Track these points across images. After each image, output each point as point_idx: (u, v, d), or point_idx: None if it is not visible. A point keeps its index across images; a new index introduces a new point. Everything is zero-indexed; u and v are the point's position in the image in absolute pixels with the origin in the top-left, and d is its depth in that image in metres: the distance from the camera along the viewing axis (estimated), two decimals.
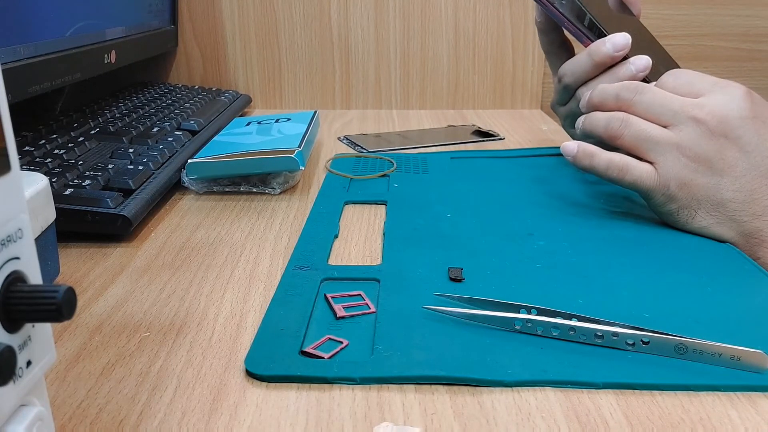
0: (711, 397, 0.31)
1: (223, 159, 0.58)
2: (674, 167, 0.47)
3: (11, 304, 0.20)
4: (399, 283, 0.41)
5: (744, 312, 0.38)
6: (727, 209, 0.47)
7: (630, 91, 0.49)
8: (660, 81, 0.50)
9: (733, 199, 0.47)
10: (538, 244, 0.47)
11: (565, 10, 0.58)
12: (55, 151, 0.56)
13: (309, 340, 0.35)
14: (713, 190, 0.47)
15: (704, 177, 0.47)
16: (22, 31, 0.56)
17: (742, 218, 0.47)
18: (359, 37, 0.96)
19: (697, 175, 0.47)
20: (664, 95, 0.48)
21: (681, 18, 0.99)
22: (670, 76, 0.50)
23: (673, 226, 0.50)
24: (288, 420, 0.29)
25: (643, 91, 0.49)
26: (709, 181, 0.47)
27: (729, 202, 0.47)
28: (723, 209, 0.47)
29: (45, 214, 0.39)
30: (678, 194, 0.47)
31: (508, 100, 0.99)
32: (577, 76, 0.57)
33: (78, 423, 0.29)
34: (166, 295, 0.41)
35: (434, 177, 0.63)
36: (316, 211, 0.54)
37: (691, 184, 0.47)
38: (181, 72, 0.98)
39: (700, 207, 0.47)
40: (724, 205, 0.47)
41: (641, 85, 0.49)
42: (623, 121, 0.48)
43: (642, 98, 0.49)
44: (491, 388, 0.31)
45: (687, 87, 0.49)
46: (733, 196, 0.47)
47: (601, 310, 0.37)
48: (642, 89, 0.49)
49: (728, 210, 0.47)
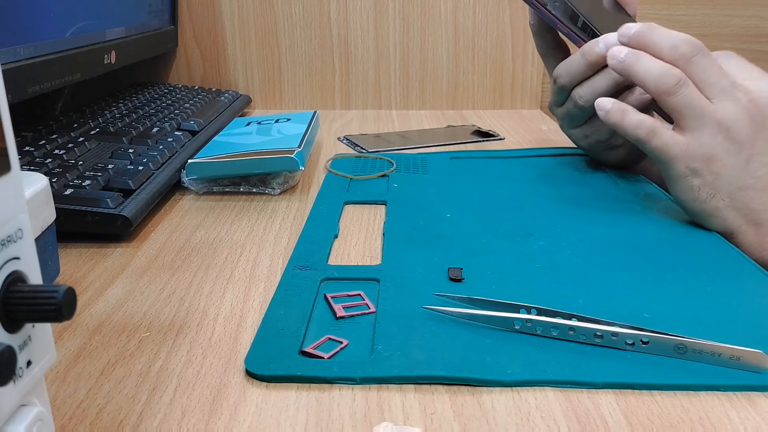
0: (710, 397, 0.31)
1: (223, 159, 0.58)
2: (707, 142, 0.47)
3: (11, 304, 0.20)
4: (399, 283, 0.41)
5: (744, 312, 0.38)
6: (745, 195, 0.47)
7: (691, 48, 0.47)
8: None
9: (753, 186, 0.47)
10: (538, 244, 0.47)
11: (558, 12, 0.58)
12: (55, 151, 0.56)
13: (309, 340, 0.35)
14: (739, 171, 0.47)
15: (733, 158, 0.47)
16: (22, 31, 0.56)
17: (757, 207, 0.47)
18: (359, 37, 0.96)
19: (727, 154, 0.47)
20: (719, 67, 0.48)
21: (681, 18, 0.99)
22: (722, 56, 0.50)
23: (685, 203, 0.49)
24: (288, 420, 0.29)
25: (704, 53, 0.47)
26: (737, 162, 0.47)
27: (749, 189, 0.47)
28: (742, 194, 0.47)
29: (45, 214, 0.39)
30: (703, 169, 0.47)
31: (507, 100, 0.99)
32: (572, 76, 0.57)
33: (78, 423, 0.29)
34: (166, 295, 0.41)
35: (434, 177, 0.63)
36: (316, 211, 0.54)
37: (719, 162, 0.47)
38: (181, 72, 0.98)
39: (722, 187, 0.47)
40: (744, 190, 0.47)
41: (703, 47, 0.48)
42: (681, 80, 0.47)
43: (702, 60, 0.47)
44: (491, 388, 0.32)
45: (735, 69, 0.48)
46: (754, 183, 0.47)
47: (601, 310, 0.37)
48: (704, 51, 0.48)
49: (746, 196, 0.47)
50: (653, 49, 0.49)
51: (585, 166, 0.66)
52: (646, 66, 0.48)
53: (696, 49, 0.47)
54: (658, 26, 0.49)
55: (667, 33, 0.49)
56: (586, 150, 0.65)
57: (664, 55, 0.48)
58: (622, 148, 0.62)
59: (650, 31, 0.49)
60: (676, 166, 0.48)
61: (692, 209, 0.49)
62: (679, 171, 0.48)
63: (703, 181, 0.48)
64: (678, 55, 0.48)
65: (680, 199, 0.50)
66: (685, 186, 0.48)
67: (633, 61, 0.49)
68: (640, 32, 0.49)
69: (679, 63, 0.48)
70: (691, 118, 0.47)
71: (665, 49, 0.48)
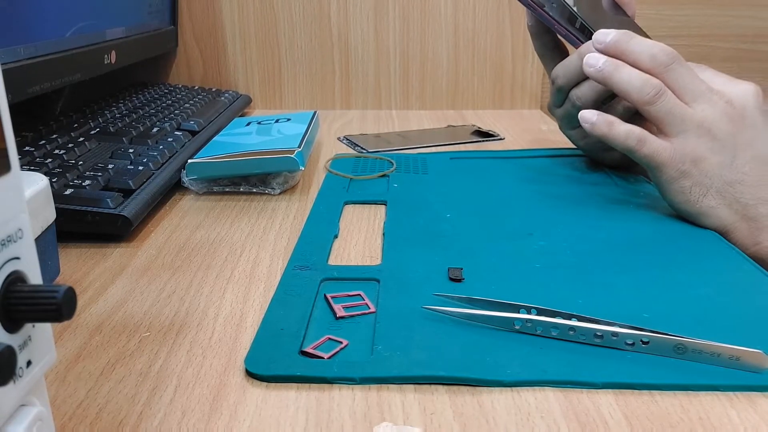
0: (710, 397, 0.31)
1: (223, 159, 0.58)
2: (692, 144, 0.48)
3: (11, 304, 0.20)
4: (399, 283, 0.41)
5: (743, 311, 0.38)
6: (735, 190, 0.48)
7: (668, 57, 0.49)
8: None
9: (741, 181, 0.48)
10: (538, 244, 0.47)
11: (555, 14, 0.58)
12: (55, 152, 0.56)
13: (309, 340, 0.35)
14: (726, 168, 0.48)
15: (718, 155, 0.48)
16: (22, 31, 0.56)
17: (749, 201, 0.48)
18: (359, 37, 0.96)
19: (712, 153, 0.48)
20: (694, 73, 0.49)
21: (681, 18, 0.99)
22: (696, 67, 0.51)
23: (679, 205, 0.50)
24: (288, 420, 0.29)
25: (680, 61, 0.49)
26: (723, 160, 0.48)
27: (738, 184, 0.48)
28: (732, 190, 0.48)
29: (45, 214, 0.39)
30: (692, 170, 0.48)
31: (507, 101, 0.99)
32: (570, 77, 0.57)
33: (78, 423, 0.29)
34: (166, 295, 0.41)
35: (434, 177, 0.63)
36: (316, 211, 0.54)
37: (705, 161, 0.48)
38: (181, 72, 0.98)
39: (712, 185, 0.48)
40: (733, 186, 0.48)
41: (678, 55, 0.49)
42: (660, 91, 0.48)
43: (678, 68, 0.49)
44: (491, 388, 0.32)
45: (710, 77, 0.50)
46: (742, 178, 0.48)
47: (601, 310, 0.37)
48: (679, 59, 0.49)
49: (737, 192, 0.48)
50: (631, 58, 0.50)
51: (584, 166, 0.66)
52: (625, 77, 0.49)
53: (672, 57, 0.49)
54: (634, 34, 0.50)
55: (645, 42, 0.50)
56: (585, 150, 0.65)
57: (642, 64, 0.49)
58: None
59: (628, 40, 0.50)
60: (666, 171, 0.49)
61: (686, 210, 0.50)
62: (669, 175, 0.49)
63: (694, 182, 0.49)
64: (656, 63, 0.49)
65: (673, 201, 0.50)
66: (677, 188, 0.49)
67: (612, 70, 0.50)
68: (617, 39, 0.50)
69: (657, 71, 0.49)
70: (673, 124, 0.48)
71: (644, 59, 0.49)
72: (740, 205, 0.48)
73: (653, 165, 0.49)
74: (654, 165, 0.49)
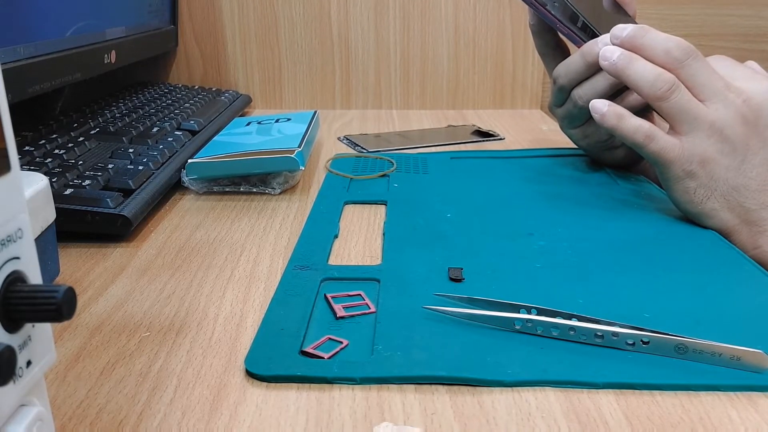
0: (711, 397, 0.31)
1: (223, 159, 0.58)
2: (702, 144, 0.47)
3: (11, 304, 0.20)
4: (399, 283, 0.41)
5: (744, 312, 0.38)
6: (740, 195, 0.48)
7: (684, 52, 0.48)
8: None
9: (747, 185, 0.48)
10: (538, 244, 0.47)
11: (557, 13, 0.58)
12: (55, 151, 0.56)
13: (309, 340, 0.35)
14: (733, 171, 0.47)
15: (727, 158, 0.47)
16: (22, 31, 0.56)
17: (752, 206, 0.48)
18: (359, 37, 0.96)
19: (721, 155, 0.47)
20: (711, 70, 0.48)
21: (681, 18, 0.99)
22: (713, 59, 0.50)
23: (682, 204, 0.50)
24: (288, 420, 0.29)
25: (696, 57, 0.48)
26: (731, 163, 0.47)
27: (743, 188, 0.48)
28: (736, 194, 0.48)
29: (45, 214, 0.39)
30: (699, 171, 0.48)
31: (508, 100, 0.99)
32: (571, 77, 0.57)
33: (78, 423, 0.29)
34: (166, 295, 0.41)
35: (434, 177, 0.63)
36: (316, 211, 0.54)
37: (713, 164, 0.48)
38: (181, 72, 0.98)
39: (717, 188, 0.48)
40: (738, 191, 0.48)
41: (695, 50, 0.48)
42: (673, 86, 0.47)
43: (694, 63, 0.48)
44: (491, 388, 0.31)
45: (727, 70, 0.49)
46: (748, 182, 0.48)
47: (601, 310, 0.37)
48: (696, 54, 0.48)
49: (741, 196, 0.48)
50: (646, 53, 0.49)
51: (585, 166, 0.66)
52: (639, 70, 0.48)
53: (688, 52, 0.48)
54: (650, 29, 0.50)
55: (661, 36, 0.49)
56: (586, 150, 0.65)
57: (657, 58, 0.48)
58: (622, 149, 0.62)
59: (643, 34, 0.49)
60: (672, 169, 0.49)
61: (689, 211, 0.50)
62: (675, 174, 0.49)
63: (699, 183, 0.48)
64: (671, 59, 0.48)
65: (677, 201, 0.50)
66: (682, 188, 0.49)
67: (625, 63, 0.49)
68: (632, 34, 0.49)
69: (672, 67, 0.48)
70: (685, 122, 0.48)
71: (658, 53, 0.48)
72: (743, 209, 0.48)
73: (660, 162, 0.49)
74: (661, 162, 0.49)
